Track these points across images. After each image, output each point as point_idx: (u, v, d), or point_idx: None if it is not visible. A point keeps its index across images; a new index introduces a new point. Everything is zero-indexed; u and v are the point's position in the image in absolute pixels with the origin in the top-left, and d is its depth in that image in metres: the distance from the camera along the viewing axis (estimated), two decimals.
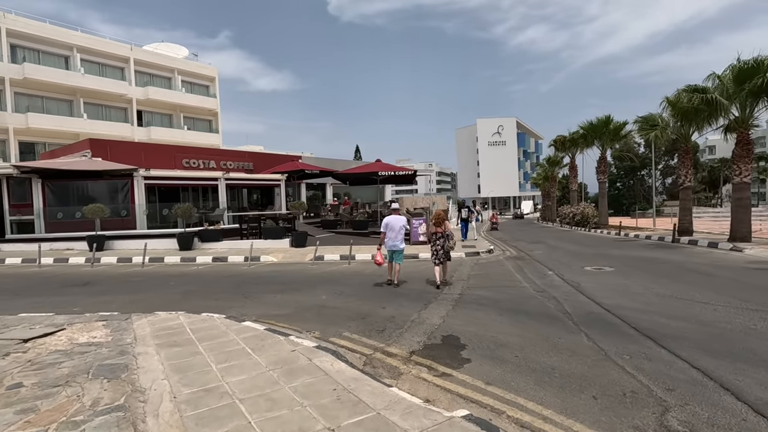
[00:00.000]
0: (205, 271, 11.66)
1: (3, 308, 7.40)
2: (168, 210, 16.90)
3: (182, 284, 9.74)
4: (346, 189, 33.64)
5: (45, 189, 16.42)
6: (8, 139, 29.37)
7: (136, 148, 22.90)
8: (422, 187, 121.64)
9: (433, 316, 6.34)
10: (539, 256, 13.28)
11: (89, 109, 33.26)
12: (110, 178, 17.11)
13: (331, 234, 19.18)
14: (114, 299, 8.18)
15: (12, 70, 29.19)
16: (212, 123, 41.81)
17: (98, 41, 34.01)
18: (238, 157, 26.29)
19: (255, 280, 10.12)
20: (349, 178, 21.99)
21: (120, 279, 10.68)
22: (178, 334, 5.33)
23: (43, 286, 9.79)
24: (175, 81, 38.71)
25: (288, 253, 14.45)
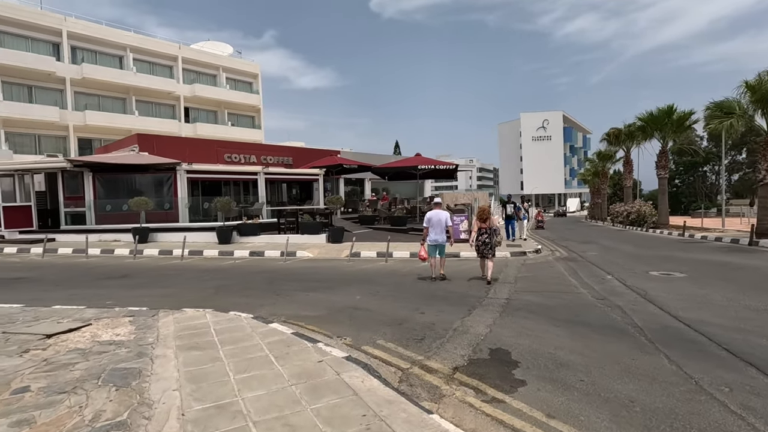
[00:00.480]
0: (241, 266, 11.50)
1: (41, 299, 7.45)
2: (209, 204, 17.08)
3: (217, 278, 9.56)
4: (384, 184, 33.15)
5: (95, 182, 17.05)
6: (69, 136, 31.19)
7: (181, 143, 23.47)
8: (462, 184, 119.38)
9: (478, 325, 5.64)
10: (594, 258, 12.13)
11: (140, 106, 34.74)
12: (155, 171, 17.52)
13: (369, 230, 18.72)
14: (148, 293, 8.07)
15: (72, 71, 30.91)
16: (255, 119, 42.60)
17: (149, 41, 35.40)
18: (278, 151, 26.42)
19: (289, 276, 9.79)
20: (387, 172, 21.45)
21: (158, 272, 10.70)
22: (200, 335, 4.97)
23: (84, 278, 9.94)
24: (220, 78, 39.71)
25: (324, 248, 14.11)
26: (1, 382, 3.57)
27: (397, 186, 34.41)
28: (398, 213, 18.54)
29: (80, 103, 31.72)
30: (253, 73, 42.44)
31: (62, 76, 30.43)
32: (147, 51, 34.97)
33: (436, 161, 18.67)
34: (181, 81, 36.71)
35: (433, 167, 18.23)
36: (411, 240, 15.48)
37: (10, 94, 28.84)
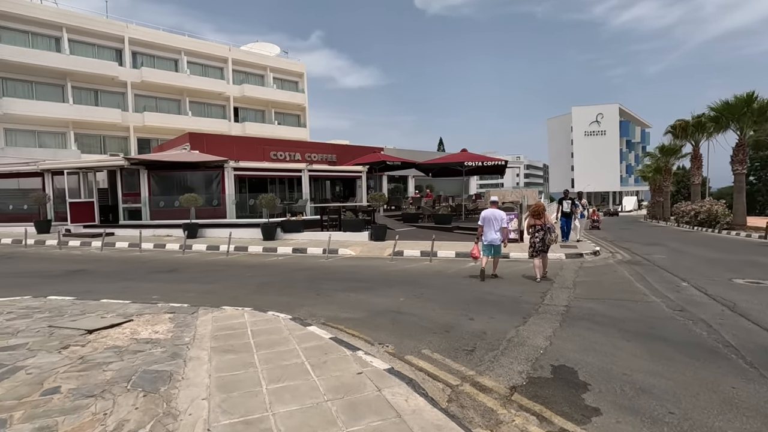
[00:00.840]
0: (284, 263, 11.43)
1: (94, 291, 7.65)
2: (254, 200, 17.33)
3: (259, 275, 9.50)
4: (428, 181, 32.53)
5: (150, 179, 17.79)
6: (129, 136, 33.12)
7: (229, 141, 24.14)
8: (508, 181, 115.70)
9: (535, 335, 5.04)
10: (662, 262, 10.95)
11: (193, 107, 36.27)
12: (205, 169, 18.02)
13: (412, 228, 18.26)
14: (192, 288, 8.09)
15: (133, 75, 32.77)
16: (300, 118, 43.30)
17: (202, 44, 36.86)
18: (322, 149, 26.56)
19: (330, 274, 9.55)
20: (432, 169, 20.86)
21: (204, 267, 10.84)
22: (237, 337, 4.75)
23: (136, 271, 10.22)
24: (267, 78, 40.67)
25: (366, 246, 13.81)
26: (35, 381, 3.47)
27: (442, 183, 33.68)
28: (443, 211, 17.92)
29: (139, 105, 33.58)
30: (299, 72, 43.13)
31: (124, 80, 32.33)
32: (200, 54, 36.44)
33: (484, 157, 17.86)
34: (231, 82, 37.95)
35: (480, 164, 17.43)
36: (456, 239, 14.86)
37: (79, 98, 31.02)
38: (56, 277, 9.43)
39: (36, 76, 29.27)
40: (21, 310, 5.88)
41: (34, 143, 29.05)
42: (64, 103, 29.99)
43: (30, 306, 6.19)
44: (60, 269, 10.47)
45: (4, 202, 20.00)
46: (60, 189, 18.62)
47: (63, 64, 29.39)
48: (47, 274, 9.88)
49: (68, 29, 30.07)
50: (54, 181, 18.79)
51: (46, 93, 29.83)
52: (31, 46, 29.03)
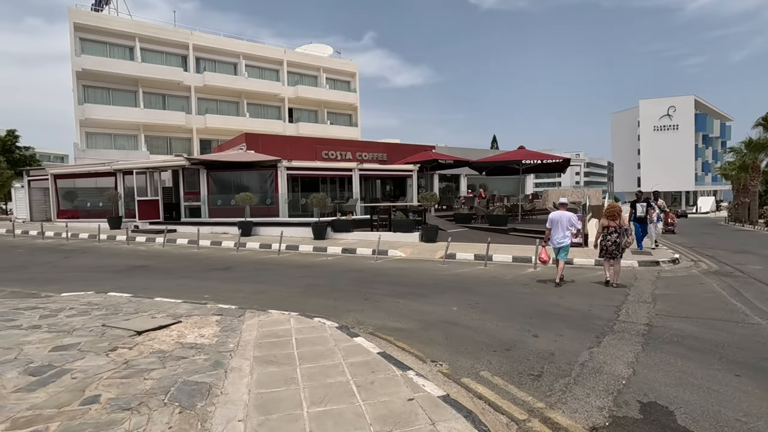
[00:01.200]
0: (333, 263, 11.27)
1: (150, 288, 7.85)
2: (305, 199, 17.45)
3: (308, 276, 9.37)
4: (481, 180, 31.43)
5: (209, 178, 18.49)
6: (192, 137, 35.01)
7: (283, 141, 24.64)
8: (567, 180, 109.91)
9: (614, 361, 4.34)
10: (760, 274, 9.50)
11: (251, 108, 37.65)
12: (259, 168, 18.43)
13: (465, 229, 17.54)
14: (242, 288, 8.08)
15: (196, 79, 34.58)
16: (352, 117, 43.62)
17: (259, 47, 38.16)
18: (373, 148, 26.41)
19: (379, 277, 9.21)
20: (486, 167, 19.96)
21: (256, 265, 10.93)
22: (280, 346, 4.50)
23: (192, 269, 10.50)
24: (321, 78, 41.33)
25: (417, 248, 13.36)
26: (78, 387, 3.39)
27: (496, 182, 32.39)
28: (498, 211, 17.03)
29: (202, 108, 35.38)
30: (351, 71, 43.44)
31: (188, 85, 34.20)
32: (257, 57, 37.75)
33: (544, 155, 16.74)
34: (286, 83, 38.97)
35: (540, 161, 16.34)
36: (512, 242, 14.00)
37: (149, 102, 33.25)
38: (120, 272, 9.88)
39: (112, 83, 31.71)
40: (82, 306, 6.07)
41: (110, 145, 31.52)
42: (136, 107, 32.26)
43: (91, 302, 6.39)
44: (125, 264, 11.00)
45: (84, 199, 21.77)
46: (130, 188, 19.90)
47: (135, 72, 31.60)
48: (113, 269, 10.40)
49: (140, 38, 32.29)
50: (125, 180, 20.11)
51: (121, 99, 32.24)
52: (109, 55, 31.48)
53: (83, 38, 30.48)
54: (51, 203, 21.64)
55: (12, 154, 25.64)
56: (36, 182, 22.77)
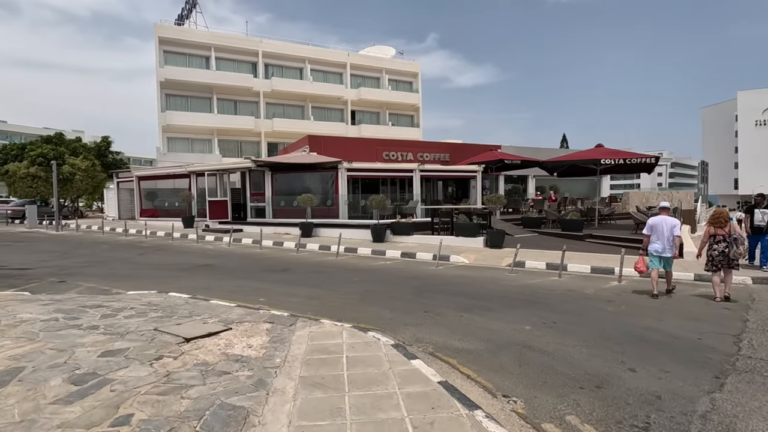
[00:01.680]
0: (391, 268, 10.79)
1: (210, 288, 7.87)
2: (365, 201, 17.20)
3: (365, 281, 8.96)
4: (551, 181, 29.42)
5: (273, 180, 18.94)
6: (261, 141, 36.56)
7: (344, 143, 24.74)
8: (646, 182, 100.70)
9: (749, 415, 3.35)
10: None
11: (315, 111, 38.58)
12: (320, 170, 18.53)
13: (533, 234, 16.25)
14: (298, 292, 7.84)
15: (264, 85, 36.08)
16: (414, 118, 43.14)
17: (323, 51, 39.00)
18: (435, 148, 25.68)
19: (440, 286, 8.54)
20: (559, 167, 18.41)
21: (314, 268, 10.76)
22: (330, 365, 4.05)
23: (252, 269, 10.55)
24: (383, 80, 41.33)
25: (481, 254, 12.47)
26: (114, 402, 3.16)
27: (567, 184, 30.17)
28: (572, 215, 15.55)
29: (269, 113, 36.85)
30: (413, 72, 42.98)
31: (257, 90, 35.78)
32: (321, 61, 38.60)
33: (627, 153, 14.96)
34: (349, 86, 39.43)
35: (623, 161, 14.63)
36: (589, 250, 12.61)
37: (222, 108, 35.25)
38: (186, 271, 10.17)
39: (190, 91, 34.03)
40: (142, 307, 6.11)
41: (188, 149, 33.83)
42: (210, 113, 34.33)
43: (151, 302, 6.44)
44: (191, 263, 11.36)
45: (163, 199, 23.40)
46: (202, 189, 21.00)
47: (210, 79, 33.65)
48: (180, 267, 10.76)
49: (215, 48, 34.34)
50: (197, 181, 21.27)
51: (198, 105, 34.51)
52: (188, 65, 33.82)
53: (166, 50, 33.03)
54: (135, 203, 23.53)
55: (105, 158, 28.38)
56: (124, 183, 24.93)
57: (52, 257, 12.33)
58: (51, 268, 10.56)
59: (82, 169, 25.56)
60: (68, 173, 24.93)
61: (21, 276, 9.42)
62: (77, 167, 25.41)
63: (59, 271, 10.12)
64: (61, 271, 10.12)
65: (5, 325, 4.98)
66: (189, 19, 35.64)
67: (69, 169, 25.00)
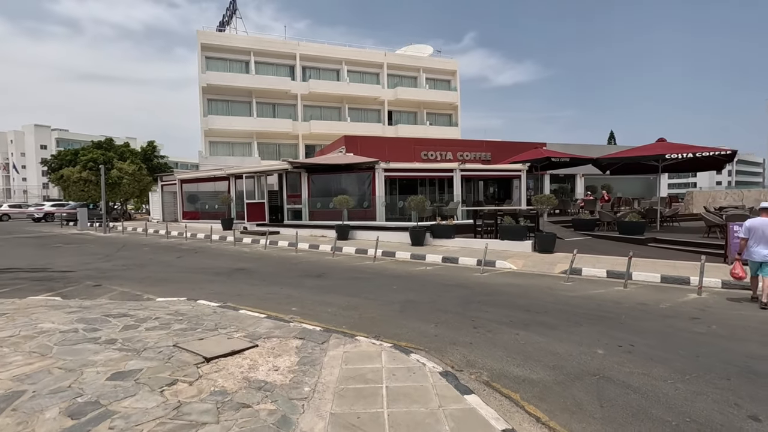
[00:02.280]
0: (432, 275, 10.02)
1: (241, 295, 7.45)
2: (403, 202, 16.52)
3: (405, 289, 8.26)
4: (602, 180, 27.46)
5: (309, 181, 18.64)
6: (298, 143, 36.75)
7: (381, 143, 24.17)
8: (704, 180, 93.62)
9: None
10: None
11: (352, 113, 38.35)
12: (357, 171, 18.03)
13: (586, 237, 14.94)
14: (333, 301, 7.26)
15: (302, 87, 36.25)
16: (452, 117, 42.02)
17: (360, 52, 38.73)
18: (475, 147, 24.59)
19: (488, 296, 7.69)
20: (615, 164, 16.87)
21: (350, 273, 10.18)
22: (367, 399, 3.38)
23: (288, 274, 10.11)
24: (420, 79, 40.53)
25: (530, 259, 11.45)
26: None
27: (618, 183, 28.10)
28: (631, 217, 14.11)
29: (307, 115, 36.99)
30: (451, 70, 41.88)
31: (295, 93, 36.00)
32: (358, 62, 38.35)
33: (697, 147, 13.36)
34: (386, 86, 38.93)
35: (692, 155, 13.08)
36: (654, 255, 11.27)
37: (261, 112, 35.73)
38: (220, 275, 9.87)
39: (231, 96, 34.72)
40: (167, 316, 5.71)
41: (228, 152, 34.52)
42: (250, 117, 34.86)
43: (178, 311, 6.05)
44: (226, 267, 11.10)
45: (204, 202, 23.77)
46: (240, 191, 21.07)
47: (250, 83, 34.17)
48: (215, 271, 10.50)
49: (255, 53, 34.86)
50: (236, 184, 21.38)
51: (238, 109, 35.16)
52: (229, 70, 34.52)
53: (208, 56, 33.87)
54: (177, 205, 24.05)
55: (151, 162, 29.39)
56: (167, 186, 25.59)
57: (95, 259, 12.49)
58: (91, 270, 10.60)
59: (129, 173, 26.51)
60: (116, 177, 25.90)
61: (61, 279, 9.44)
62: (125, 171, 26.38)
63: (99, 274, 10.11)
64: (101, 274, 10.11)
65: (23, 336, 4.68)
66: (229, 26, 36.45)
67: (117, 173, 25.98)
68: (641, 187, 28.52)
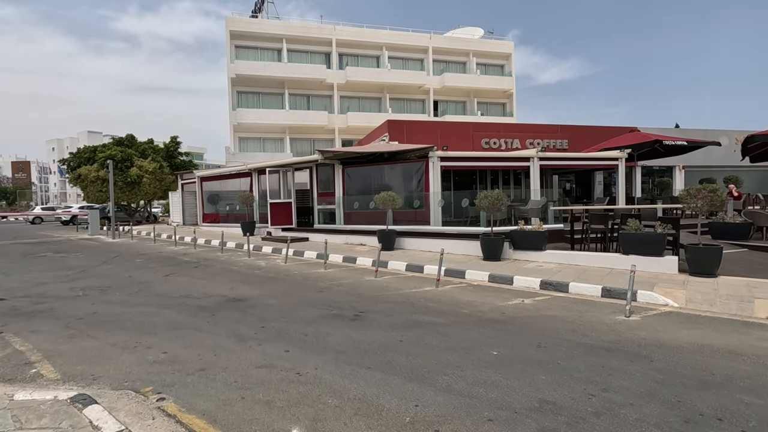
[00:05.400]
0: (543, 318, 5.90)
1: (211, 369, 3.69)
2: (468, 200, 12.44)
3: (513, 358, 4.24)
4: (706, 173, 22.06)
5: (344, 176, 14.96)
6: (335, 138, 33.40)
7: (432, 128, 20.14)
8: None
9: None
10: None
11: (393, 103, 34.56)
12: (404, 161, 14.14)
13: (740, 250, 10.23)
14: (383, 397, 3.35)
15: (338, 76, 32.90)
16: (506, 106, 37.29)
17: (403, 35, 34.88)
18: (548, 132, 19.98)
19: (676, 380, 3.49)
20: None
21: (404, 311, 6.27)
22: None
23: (303, 312, 6.34)
24: (470, 64, 36.16)
25: (691, 289, 7.05)
26: None
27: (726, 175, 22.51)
28: None
29: (344, 107, 33.58)
30: (505, 53, 37.16)
31: (331, 83, 32.69)
32: (400, 47, 34.57)
33: None
34: (431, 72, 34.89)
35: None
36: None
37: (294, 104, 32.69)
38: (201, 312, 6.25)
39: (261, 87, 31.91)
40: None
41: (259, 149, 31.73)
42: (282, 109, 31.89)
43: None
44: (219, 295, 7.51)
45: (225, 203, 20.71)
46: (264, 190, 17.76)
47: (282, 73, 31.21)
48: (198, 303, 6.92)
49: (287, 39, 31.88)
50: (259, 181, 18.10)
51: (269, 102, 32.31)
52: (259, 59, 31.72)
53: (238, 45, 31.24)
54: (197, 207, 21.16)
55: (174, 159, 26.95)
56: (188, 185, 22.83)
57: (58, 279, 9.35)
58: (30, 298, 7.36)
59: (149, 171, 24.04)
60: (136, 176, 23.49)
61: None
62: (145, 169, 23.93)
63: (31, 306, 6.82)
64: (33, 306, 6.81)
65: None
66: (261, 13, 33.74)
67: (137, 172, 23.56)
68: (756, 181, 22.79)
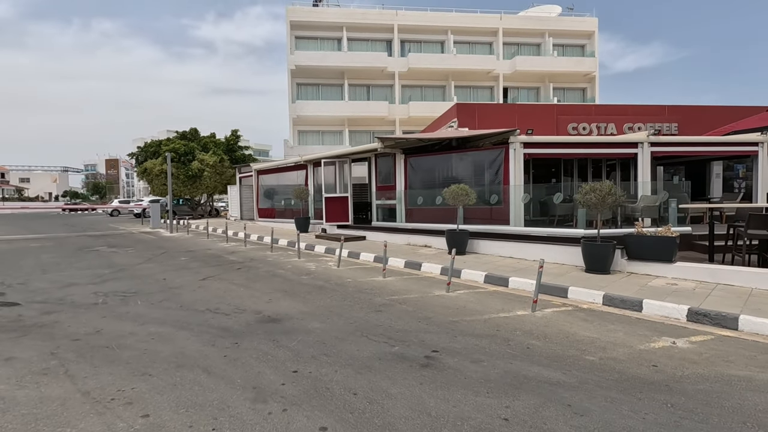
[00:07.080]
0: (719, 380, 3.63)
1: None
2: (561, 194, 10.04)
3: None
4: None
5: (407, 167, 13.09)
6: (395, 129, 31.66)
7: (507, 111, 17.63)
8: None
9: None
10: None
11: (458, 92, 32.10)
12: (476, 149, 11.96)
13: None
14: None
15: (400, 64, 31.07)
16: (586, 91, 33.28)
17: (469, 17, 32.26)
18: (653, 114, 16.63)
19: None
20: None
21: (502, 359, 4.28)
22: None
23: (353, 346, 4.57)
24: (545, 45, 32.63)
25: None
26: None
27: None
28: None
29: (405, 96, 31.74)
30: (588, 31, 33.08)
31: (392, 71, 30.97)
32: (467, 30, 31.97)
33: None
34: (501, 56, 31.91)
35: None
36: None
37: (353, 95, 31.41)
38: (222, 337, 4.72)
39: (321, 78, 30.99)
40: None
41: (317, 142, 30.88)
42: (341, 101, 30.74)
43: None
44: (253, 310, 5.99)
45: (280, 197, 19.75)
46: (319, 184, 16.43)
47: (342, 62, 30.03)
48: (223, 322, 5.42)
49: (347, 27, 30.63)
50: (315, 174, 16.80)
51: (328, 93, 31.33)
52: (319, 49, 30.77)
53: (297, 36, 30.54)
54: (253, 201, 20.44)
55: (234, 153, 26.77)
56: (246, 179, 22.28)
57: (92, 278, 8.45)
58: (45, 304, 6.35)
59: (210, 164, 23.89)
60: (197, 169, 23.40)
61: None
62: (206, 163, 23.80)
63: (38, 314, 5.73)
64: (41, 314, 5.72)
65: None
66: (321, 3, 32.80)
67: (198, 165, 23.47)
68: None
